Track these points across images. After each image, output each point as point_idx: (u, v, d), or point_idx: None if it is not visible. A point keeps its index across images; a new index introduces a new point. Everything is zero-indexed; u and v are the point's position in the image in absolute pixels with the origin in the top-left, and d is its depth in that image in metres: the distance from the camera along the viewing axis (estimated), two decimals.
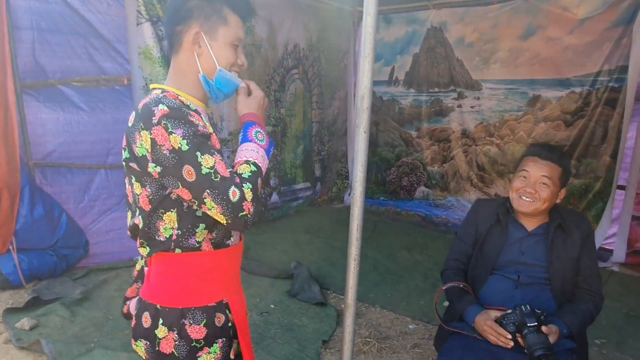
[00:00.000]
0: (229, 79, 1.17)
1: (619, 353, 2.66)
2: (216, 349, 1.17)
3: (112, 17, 3.50)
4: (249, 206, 1.06)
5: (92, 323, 2.75)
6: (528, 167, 1.74)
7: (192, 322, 1.14)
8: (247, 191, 1.06)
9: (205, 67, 1.15)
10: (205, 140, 1.06)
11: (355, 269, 1.60)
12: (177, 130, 1.02)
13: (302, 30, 5.12)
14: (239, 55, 1.20)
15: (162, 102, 1.05)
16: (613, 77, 4.13)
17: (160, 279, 1.16)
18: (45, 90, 3.29)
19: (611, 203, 4.13)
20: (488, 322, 1.60)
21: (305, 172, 5.57)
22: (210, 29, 1.14)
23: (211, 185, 1.02)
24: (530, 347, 1.48)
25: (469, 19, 4.84)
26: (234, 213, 1.04)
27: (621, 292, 3.42)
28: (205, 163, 1.03)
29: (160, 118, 1.02)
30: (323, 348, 2.63)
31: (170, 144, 1.01)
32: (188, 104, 1.12)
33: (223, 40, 1.15)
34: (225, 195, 1.03)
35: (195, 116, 1.08)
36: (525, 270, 1.73)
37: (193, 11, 1.13)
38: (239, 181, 1.06)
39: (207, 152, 1.04)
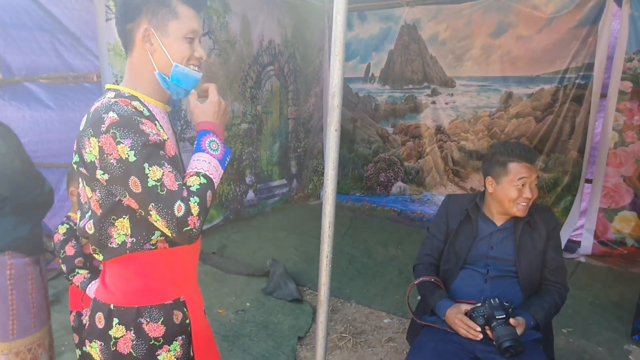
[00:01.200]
0: (186, 73, 1.13)
1: (585, 341, 2.76)
2: (176, 346, 1.17)
3: (80, 12, 3.41)
4: (195, 220, 1.02)
5: (62, 326, 2.69)
6: (525, 174, 1.71)
7: (150, 320, 1.13)
8: (194, 205, 1.02)
9: (160, 64, 1.11)
10: (156, 150, 1.03)
11: (327, 266, 1.60)
12: (126, 140, 0.99)
13: (276, 26, 5.10)
14: (195, 48, 1.14)
15: (112, 109, 1.01)
16: (580, 74, 4.25)
17: (114, 279, 1.14)
18: (10, 88, 3.18)
19: (579, 196, 4.26)
20: (458, 315, 1.64)
21: (282, 169, 5.56)
22: (160, 24, 1.10)
23: (157, 199, 1.00)
24: (499, 339, 1.52)
25: (442, 16, 4.91)
26: (178, 228, 1.01)
27: (587, 282, 3.54)
28: (152, 175, 1.00)
29: (108, 126, 0.99)
30: (299, 344, 2.64)
31: (118, 154, 0.99)
32: (142, 110, 1.08)
33: (175, 34, 1.10)
34: (169, 209, 1.00)
35: (148, 124, 1.04)
36: (494, 264, 1.77)
37: (141, 8, 1.09)
38: (186, 195, 1.02)
39: (155, 164, 1.00)
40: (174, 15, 1.10)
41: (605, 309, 3.15)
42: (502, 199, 1.75)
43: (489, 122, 4.86)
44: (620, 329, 2.89)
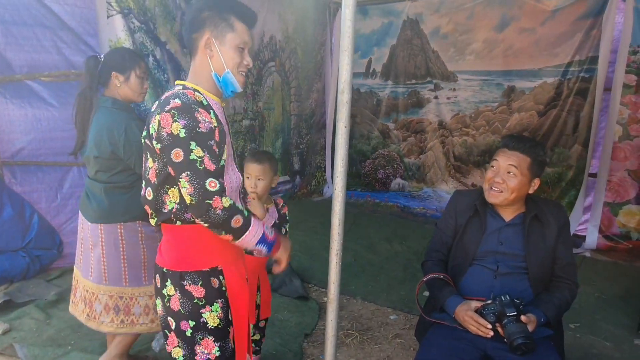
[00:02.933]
0: (232, 82, 1.37)
1: (592, 336, 2.75)
2: (217, 307, 1.37)
3: (81, 9, 3.38)
4: (220, 203, 1.23)
5: (68, 325, 2.68)
6: (497, 157, 1.77)
7: (191, 282, 1.35)
8: (226, 199, 1.25)
9: (216, 67, 1.36)
10: (204, 136, 1.24)
11: (337, 264, 1.59)
12: (181, 120, 1.23)
13: (277, 22, 5.06)
14: (244, 56, 1.39)
15: (179, 96, 1.27)
16: (584, 67, 4.23)
17: (166, 246, 1.39)
18: (11, 86, 3.16)
19: (584, 191, 4.25)
20: (469, 312, 1.63)
21: (285, 166, 5.54)
22: (219, 35, 1.35)
23: (192, 170, 1.22)
24: (510, 336, 1.51)
25: (444, 10, 4.87)
26: (203, 197, 1.21)
27: (593, 277, 3.53)
28: (195, 152, 1.22)
29: (171, 108, 1.24)
30: (306, 342, 2.63)
31: (170, 129, 1.23)
32: (201, 100, 1.30)
33: (230, 44, 1.36)
34: (201, 181, 1.21)
35: (203, 113, 1.27)
36: (504, 260, 1.76)
37: (205, 21, 1.35)
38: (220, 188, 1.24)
39: (200, 146, 1.23)
40: (231, 28, 1.35)
41: (612, 304, 3.15)
42: (484, 181, 1.81)
43: (490, 116, 4.83)
44: (627, 324, 2.88)
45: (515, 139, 1.78)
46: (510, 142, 1.76)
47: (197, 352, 1.35)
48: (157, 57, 3.90)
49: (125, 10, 3.60)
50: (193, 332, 1.34)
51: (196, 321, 1.34)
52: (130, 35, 3.66)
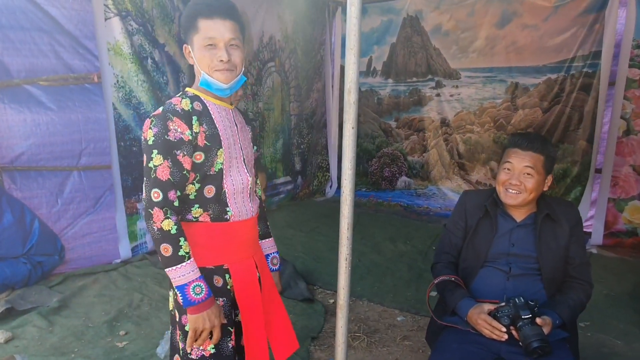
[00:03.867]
0: (210, 82, 1.36)
1: (603, 334, 2.71)
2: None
3: (78, 12, 3.34)
4: (159, 219, 1.26)
5: (71, 332, 2.65)
6: (511, 159, 1.72)
7: None
8: (168, 222, 1.27)
9: (197, 72, 1.38)
10: (170, 145, 1.27)
11: (347, 269, 1.56)
12: (154, 128, 1.28)
13: (276, 22, 5.02)
14: (216, 52, 1.33)
15: (164, 104, 1.33)
16: (587, 62, 4.20)
17: None
18: (9, 91, 3.12)
19: (590, 187, 4.21)
20: (482, 315, 1.59)
21: (286, 166, 5.51)
22: (189, 41, 1.37)
23: (147, 177, 1.28)
24: (526, 339, 1.47)
25: (444, 7, 4.84)
26: (147, 205, 1.28)
27: (600, 274, 3.49)
28: (154, 160, 1.27)
29: (153, 115, 1.30)
30: (313, 345, 2.60)
31: (146, 134, 1.29)
32: (188, 109, 1.31)
33: (197, 45, 1.34)
34: (149, 189, 1.28)
35: (177, 122, 1.28)
36: (516, 262, 1.72)
37: (184, 33, 1.39)
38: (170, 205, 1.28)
39: (162, 153, 1.27)
40: (195, 30, 1.33)
41: (621, 301, 3.11)
42: (497, 183, 1.77)
43: (494, 113, 4.80)
44: (638, 321, 2.85)
45: (527, 138, 1.73)
46: (523, 141, 1.72)
47: (192, 348, 1.37)
48: (155, 59, 3.87)
49: (123, 13, 3.57)
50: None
51: None
52: (129, 37, 3.62)
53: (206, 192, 1.36)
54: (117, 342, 2.57)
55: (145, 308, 2.97)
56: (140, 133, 3.77)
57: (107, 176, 3.60)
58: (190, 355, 1.38)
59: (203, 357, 1.38)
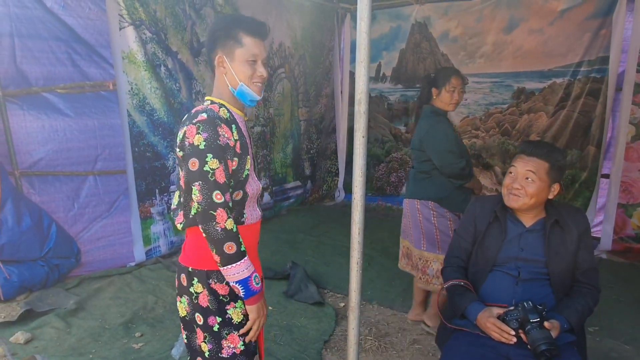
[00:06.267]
0: (247, 93, 1.45)
1: (612, 339, 2.73)
2: (241, 304, 1.44)
3: (94, 21, 3.44)
4: (223, 219, 1.31)
5: (88, 333, 2.72)
6: (515, 163, 1.78)
7: (217, 281, 1.42)
8: (230, 222, 1.32)
9: (231, 82, 1.45)
10: (222, 149, 1.34)
11: (358, 272, 1.61)
12: (204, 133, 1.33)
13: (286, 29, 5.10)
14: (257, 68, 1.44)
15: (206, 111, 1.38)
16: (594, 67, 4.21)
17: (191, 247, 1.46)
18: (28, 98, 3.22)
19: (597, 192, 4.22)
20: (491, 319, 1.63)
21: (296, 171, 5.57)
22: (229, 52, 1.43)
23: (204, 180, 1.31)
24: (534, 343, 1.51)
25: (452, 13, 4.88)
26: (207, 207, 1.30)
27: (609, 279, 3.50)
28: (210, 163, 1.31)
29: (197, 121, 1.34)
30: (324, 348, 2.64)
31: (193, 140, 1.32)
32: (226, 116, 1.41)
33: (239, 59, 1.42)
34: (210, 192, 1.31)
35: (224, 128, 1.36)
36: (525, 266, 1.76)
37: (217, 41, 1.44)
38: (227, 205, 1.33)
39: (217, 157, 1.32)
40: (239, 44, 1.42)
41: (630, 306, 3.12)
42: (502, 186, 1.83)
43: (500, 118, 4.82)
44: None
45: (533, 144, 1.78)
46: (528, 147, 1.77)
47: (224, 346, 1.43)
48: (168, 66, 3.95)
49: (137, 22, 3.66)
50: (220, 327, 1.43)
51: (222, 317, 1.43)
52: (142, 46, 3.71)
53: (235, 196, 1.43)
54: (133, 343, 2.64)
55: (159, 310, 3.03)
56: (153, 139, 3.88)
57: (121, 181, 3.68)
58: (221, 354, 1.43)
59: (234, 354, 1.44)
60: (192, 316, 1.47)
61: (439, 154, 2.56)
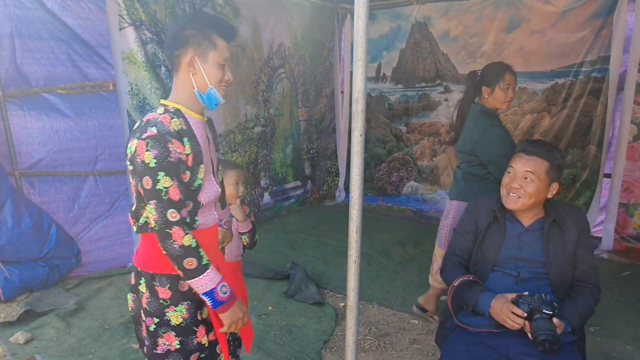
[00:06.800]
0: (215, 96, 1.43)
1: (613, 339, 2.72)
2: (182, 308, 1.44)
3: (94, 22, 3.44)
4: (180, 237, 1.31)
5: (88, 334, 2.72)
6: (514, 162, 1.77)
7: (159, 284, 1.43)
8: (188, 238, 1.32)
9: (199, 84, 1.41)
10: (174, 166, 1.31)
11: (356, 271, 1.61)
12: (154, 150, 1.29)
13: (286, 29, 5.10)
14: (225, 72, 1.44)
15: (155, 124, 1.32)
16: (595, 67, 4.19)
17: (142, 248, 1.49)
18: (29, 99, 3.23)
19: (599, 191, 4.21)
20: (506, 304, 1.61)
21: (296, 171, 5.56)
22: (202, 53, 1.39)
23: (159, 199, 1.31)
24: (537, 331, 1.50)
25: (452, 13, 4.87)
26: (163, 225, 1.31)
27: (611, 279, 3.49)
28: (162, 182, 1.30)
29: (147, 137, 1.30)
30: (324, 348, 2.64)
31: (143, 157, 1.29)
32: (178, 129, 1.34)
33: (212, 62, 1.40)
34: (164, 210, 1.30)
35: (176, 143, 1.32)
36: (525, 266, 1.75)
37: (188, 39, 1.38)
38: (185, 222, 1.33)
39: (169, 175, 1.30)
40: (213, 46, 1.39)
41: (632, 306, 3.11)
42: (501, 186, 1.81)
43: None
44: None
45: (532, 143, 1.77)
46: (527, 147, 1.76)
47: (158, 344, 1.45)
48: (169, 67, 3.95)
49: (137, 22, 3.66)
50: (157, 327, 1.45)
51: (160, 318, 1.44)
52: (142, 46, 3.71)
53: (186, 206, 1.40)
54: (133, 343, 2.64)
55: None
56: None
57: (122, 181, 3.68)
58: (156, 350, 1.45)
59: (169, 351, 1.44)
60: (137, 312, 1.51)
61: (495, 160, 2.38)
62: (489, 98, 2.50)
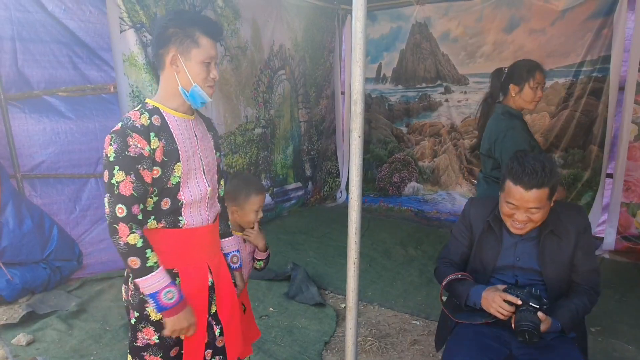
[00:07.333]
0: (200, 94, 1.42)
1: (614, 339, 2.71)
2: None
3: (95, 24, 3.46)
4: (125, 234, 1.30)
5: (89, 335, 2.73)
6: (515, 199, 1.61)
7: None
8: (133, 236, 1.31)
9: (183, 82, 1.40)
10: (132, 160, 1.31)
11: (355, 272, 1.61)
12: (115, 144, 1.31)
13: (286, 30, 5.11)
14: (211, 70, 1.43)
15: (122, 120, 1.35)
16: (596, 67, 4.19)
17: None
18: (30, 102, 3.24)
19: (601, 191, 4.20)
20: (498, 292, 1.61)
21: (296, 172, 5.57)
22: (184, 51, 1.38)
23: (110, 193, 1.32)
24: (520, 320, 1.51)
25: (452, 13, 4.88)
26: (111, 220, 1.31)
27: (612, 279, 3.48)
28: (117, 176, 1.31)
29: (113, 131, 1.33)
30: (325, 349, 2.64)
31: (106, 150, 1.32)
32: (146, 124, 1.34)
33: (195, 59, 1.39)
34: (113, 205, 1.31)
35: (137, 138, 1.32)
36: (522, 275, 1.73)
37: (171, 37, 1.38)
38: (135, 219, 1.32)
39: (124, 169, 1.31)
40: (195, 44, 1.38)
41: (633, 306, 3.10)
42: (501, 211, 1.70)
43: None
44: None
45: (527, 174, 1.57)
46: (524, 178, 1.57)
47: (138, 337, 1.47)
48: None
49: (137, 25, 3.67)
50: (137, 321, 1.46)
51: (140, 313, 1.45)
52: (143, 48, 3.72)
53: (162, 204, 1.40)
54: None
55: None
56: None
57: None
58: (136, 343, 1.47)
59: (148, 345, 1.47)
60: (126, 305, 1.52)
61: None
62: (516, 97, 2.35)
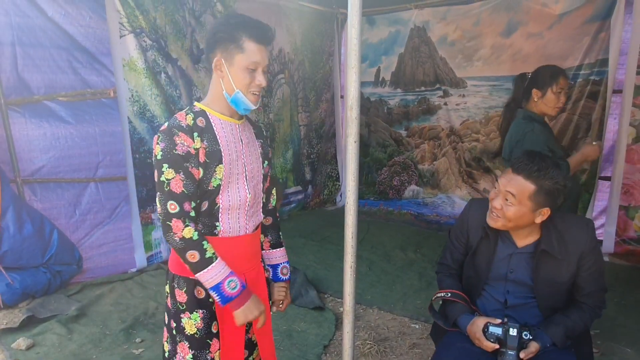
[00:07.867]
0: (242, 100, 1.40)
1: (613, 342, 2.71)
2: (196, 317, 1.43)
3: (95, 29, 3.47)
4: (180, 229, 1.31)
5: (89, 339, 2.74)
6: (500, 177, 1.60)
7: (177, 286, 1.45)
8: (188, 230, 1.32)
9: (227, 87, 1.40)
10: (180, 159, 1.32)
11: (352, 276, 1.62)
12: (162, 143, 1.33)
13: (286, 35, 5.13)
14: (255, 76, 1.39)
15: (169, 120, 1.38)
16: (594, 70, 4.20)
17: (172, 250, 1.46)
18: (30, 106, 3.25)
19: (594, 194, 4.21)
20: (477, 333, 1.60)
21: (296, 176, 5.58)
22: (228, 56, 1.37)
23: (161, 191, 1.33)
24: None
25: (450, 17, 4.90)
26: (164, 218, 1.33)
27: (611, 282, 3.48)
28: (166, 174, 1.32)
29: (160, 131, 1.36)
30: (324, 353, 2.64)
31: (155, 150, 1.34)
32: (191, 124, 1.35)
33: (238, 65, 1.37)
34: (165, 202, 1.32)
35: (183, 136, 1.33)
36: (514, 290, 1.69)
37: (217, 42, 1.38)
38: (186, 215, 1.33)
39: (173, 167, 1.32)
40: (240, 50, 1.36)
41: (632, 310, 3.11)
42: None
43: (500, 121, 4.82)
44: None
45: (526, 158, 1.54)
46: (517, 162, 1.55)
47: (177, 352, 1.45)
48: (169, 73, 3.99)
49: (137, 30, 3.70)
50: (176, 332, 1.45)
51: (177, 323, 1.44)
52: (143, 53, 3.74)
53: (201, 206, 1.39)
54: (134, 349, 2.65)
55: (160, 316, 3.05)
56: None
57: (122, 187, 3.71)
58: (175, 359, 1.46)
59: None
60: (164, 313, 1.52)
61: None
62: (538, 102, 2.34)
